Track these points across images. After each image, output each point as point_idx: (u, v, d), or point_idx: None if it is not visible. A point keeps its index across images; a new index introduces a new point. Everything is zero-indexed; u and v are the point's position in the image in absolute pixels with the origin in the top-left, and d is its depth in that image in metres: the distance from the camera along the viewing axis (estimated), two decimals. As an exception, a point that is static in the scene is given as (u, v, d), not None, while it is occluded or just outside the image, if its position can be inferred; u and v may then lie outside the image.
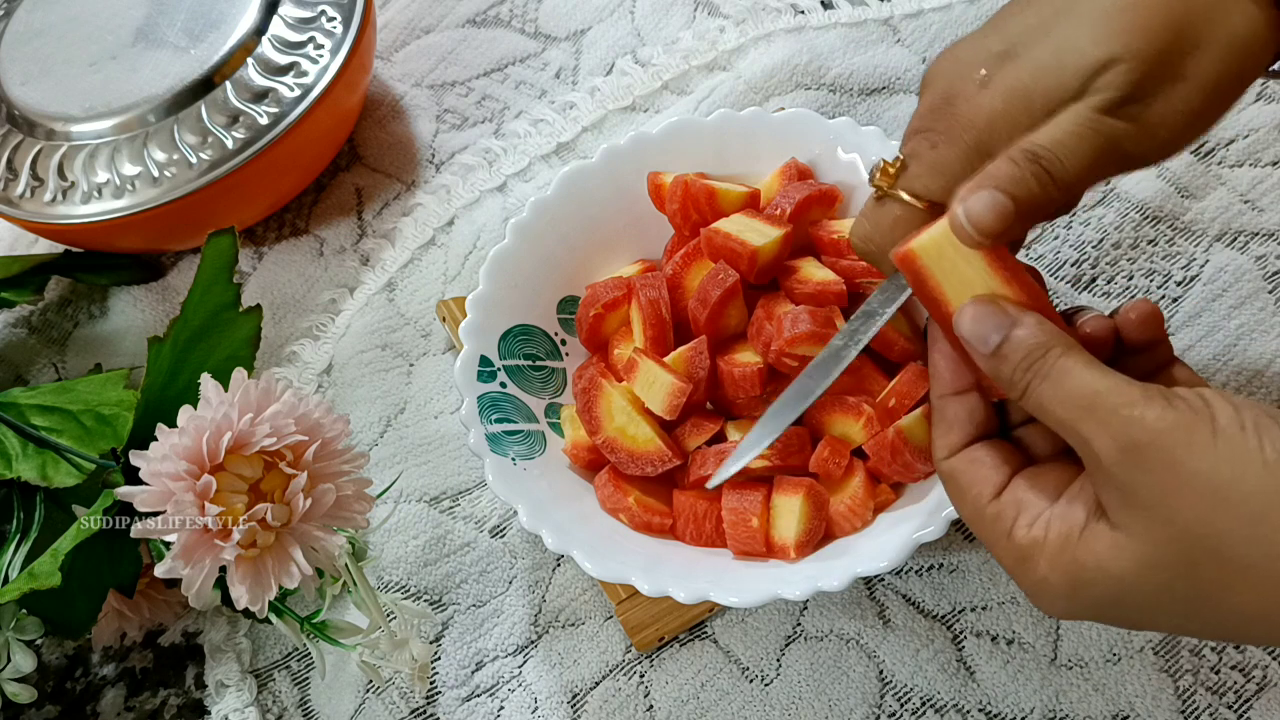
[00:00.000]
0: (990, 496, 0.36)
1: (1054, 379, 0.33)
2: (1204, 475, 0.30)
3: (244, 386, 0.40)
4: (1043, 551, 0.34)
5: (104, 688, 0.53)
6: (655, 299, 0.49)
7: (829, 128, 0.53)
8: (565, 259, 0.54)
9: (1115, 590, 0.33)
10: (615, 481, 0.48)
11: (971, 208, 0.35)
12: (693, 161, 0.54)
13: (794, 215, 0.50)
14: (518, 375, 0.51)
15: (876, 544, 0.45)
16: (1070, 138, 0.35)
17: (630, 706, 0.49)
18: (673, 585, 0.43)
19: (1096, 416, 0.32)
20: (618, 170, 0.54)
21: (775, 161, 0.54)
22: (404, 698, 0.50)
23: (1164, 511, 0.31)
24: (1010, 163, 0.35)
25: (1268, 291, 0.55)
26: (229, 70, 0.61)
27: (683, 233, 0.53)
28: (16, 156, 0.62)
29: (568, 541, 0.45)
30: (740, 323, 0.50)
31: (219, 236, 0.46)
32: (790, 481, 0.47)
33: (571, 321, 0.54)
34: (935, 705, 0.47)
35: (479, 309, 0.51)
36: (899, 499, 0.47)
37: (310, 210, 0.68)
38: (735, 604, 0.43)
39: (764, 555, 0.46)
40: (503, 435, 0.49)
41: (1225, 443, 0.31)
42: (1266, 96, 0.60)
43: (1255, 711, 0.46)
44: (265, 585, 0.40)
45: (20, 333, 0.67)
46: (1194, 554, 0.31)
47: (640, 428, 0.48)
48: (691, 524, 0.47)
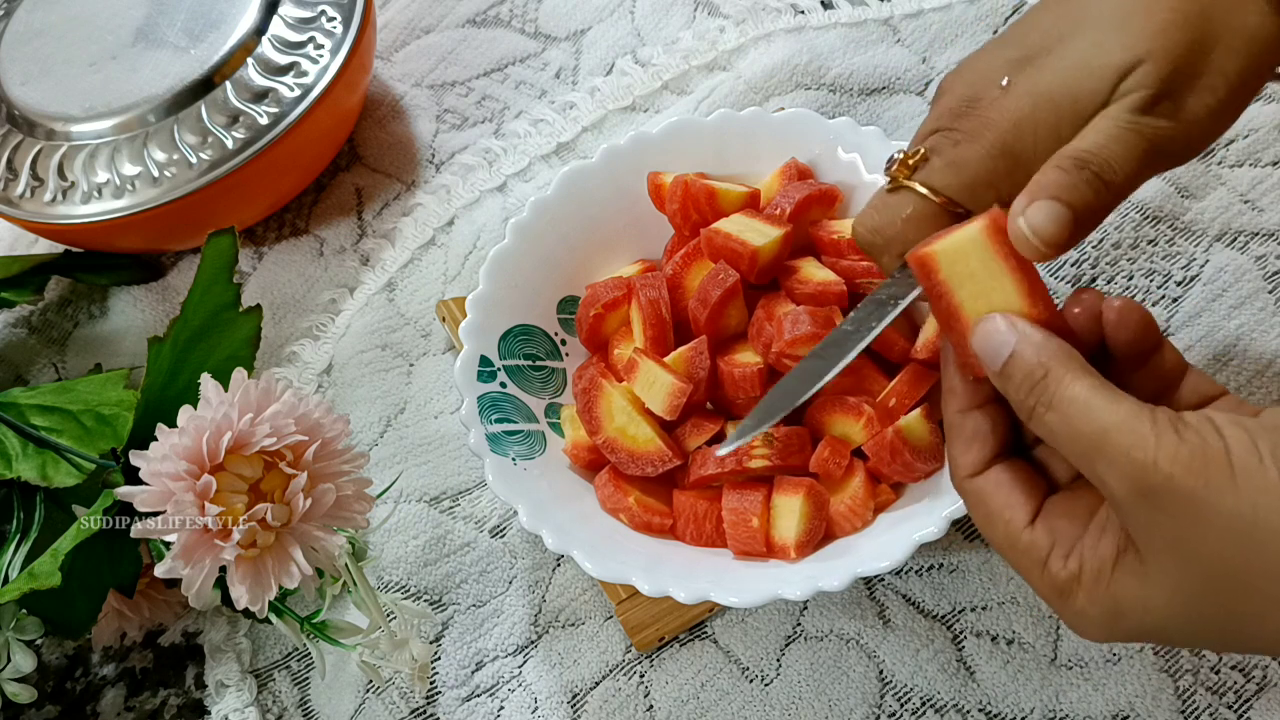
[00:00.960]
0: (1024, 524, 0.35)
1: (1060, 410, 0.33)
2: (1226, 515, 0.30)
3: (244, 386, 0.40)
4: (1080, 585, 0.34)
5: (104, 688, 0.53)
6: (655, 299, 0.49)
7: (829, 128, 0.53)
8: (565, 259, 0.54)
9: (1153, 622, 0.33)
10: (615, 481, 0.48)
11: (1033, 218, 0.34)
12: (693, 161, 0.54)
13: (794, 215, 0.50)
14: (518, 375, 0.51)
15: (877, 544, 0.45)
16: (1114, 141, 0.35)
17: (630, 706, 0.49)
18: (673, 585, 0.43)
19: (1107, 457, 0.31)
20: (618, 170, 0.54)
21: (775, 161, 0.54)
22: (404, 698, 0.50)
23: (1188, 551, 0.31)
24: (1060, 171, 0.35)
25: (1268, 291, 0.55)
26: (229, 70, 0.61)
27: (683, 233, 0.53)
28: (16, 156, 0.62)
29: (568, 542, 0.45)
30: (740, 323, 0.50)
31: (219, 236, 0.46)
32: (790, 481, 0.47)
33: (572, 321, 0.54)
34: (935, 705, 0.47)
35: (479, 309, 0.51)
36: (899, 499, 0.47)
37: (310, 210, 0.68)
38: (735, 604, 0.43)
39: (764, 555, 0.46)
40: (503, 435, 0.49)
41: (1245, 479, 0.30)
42: (1266, 96, 0.60)
43: (1255, 711, 0.46)
44: (265, 585, 0.40)
45: (20, 333, 0.67)
46: (1225, 590, 0.31)
47: (640, 428, 0.48)
48: (692, 524, 0.47)
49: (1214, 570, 0.31)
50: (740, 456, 0.46)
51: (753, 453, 0.46)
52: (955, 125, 0.37)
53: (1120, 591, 0.33)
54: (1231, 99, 0.36)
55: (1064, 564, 0.34)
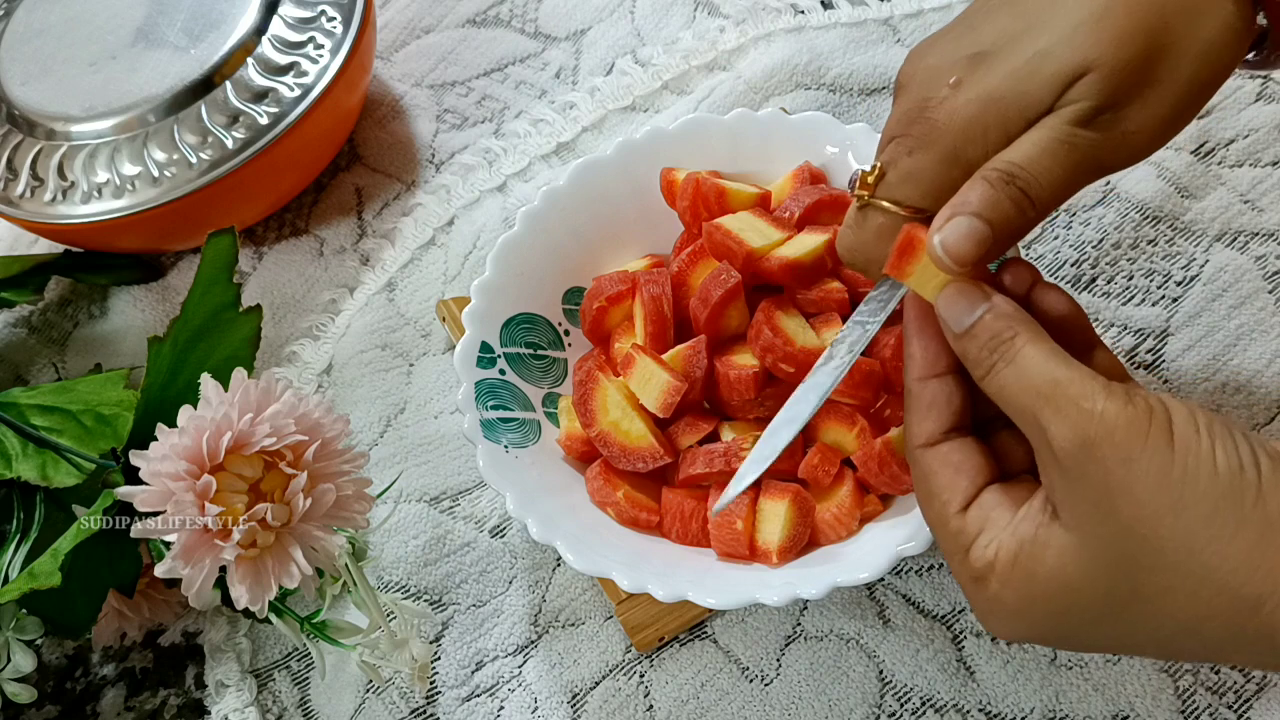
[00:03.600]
0: (957, 508, 0.35)
1: (1018, 364, 0.33)
2: (1154, 474, 0.30)
3: (244, 386, 0.40)
4: (994, 571, 0.34)
5: (104, 688, 0.53)
6: (658, 295, 0.49)
7: (845, 132, 0.53)
8: (574, 250, 0.54)
9: (1064, 600, 0.33)
10: (606, 475, 0.48)
11: (947, 238, 0.34)
12: (707, 159, 0.54)
13: (803, 219, 0.50)
14: (518, 363, 0.51)
15: (859, 554, 0.44)
16: (1045, 155, 0.35)
17: (630, 706, 0.49)
18: (653, 583, 0.43)
19: (1055, 405, 0.32)
20: (631, 164, 0.54)
21: (789, 163, 0.54)
22: (404, 698, 0.50)
23: (1110, 506, 0.31)
24: (985, 184, 0.34)
25: (1268, 291, 0.55)
26: (229, 70, 0.61)
27: (692, 230, 0.53)
28: (16, 156, 0.62)
29: (552, 532, 0.44)
30: (741, 324, 0.50)
31: (219, 236, 0.46)
32: (778, 486, 0.47)
33: (576, 312, 0.54)
34: (935, 705, 0.47)
35: (484, 295, 0.51)
36: (886, 511, 0.47)
37: (310, 210, 0.68)
38: (713, 605, 0.43)
39: (747, 558, 0.46)
40: (497, 422, 0.48)
41: (1181, 444, 0.31)
42: (1266, 96, 0.60)
43: (1255, 711, 0.46)
44: (265, 585, 0.40)
45: (20, 333, 0.67)
46: (1136, 554, 0.31)
47: (634, 423, 0.48)
48: (678, 522, 0.47)
49: (1131, 532, 0.31)
50: (730, 457, 0.46)
51: (742, 454, 0.46)
52: (909, 131, 0.37)
53: (1035, 566, 0.33)
54: (1181, 109, 0.36)
55: (983, 551, 0.34)
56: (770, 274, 0.49)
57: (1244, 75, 0.61)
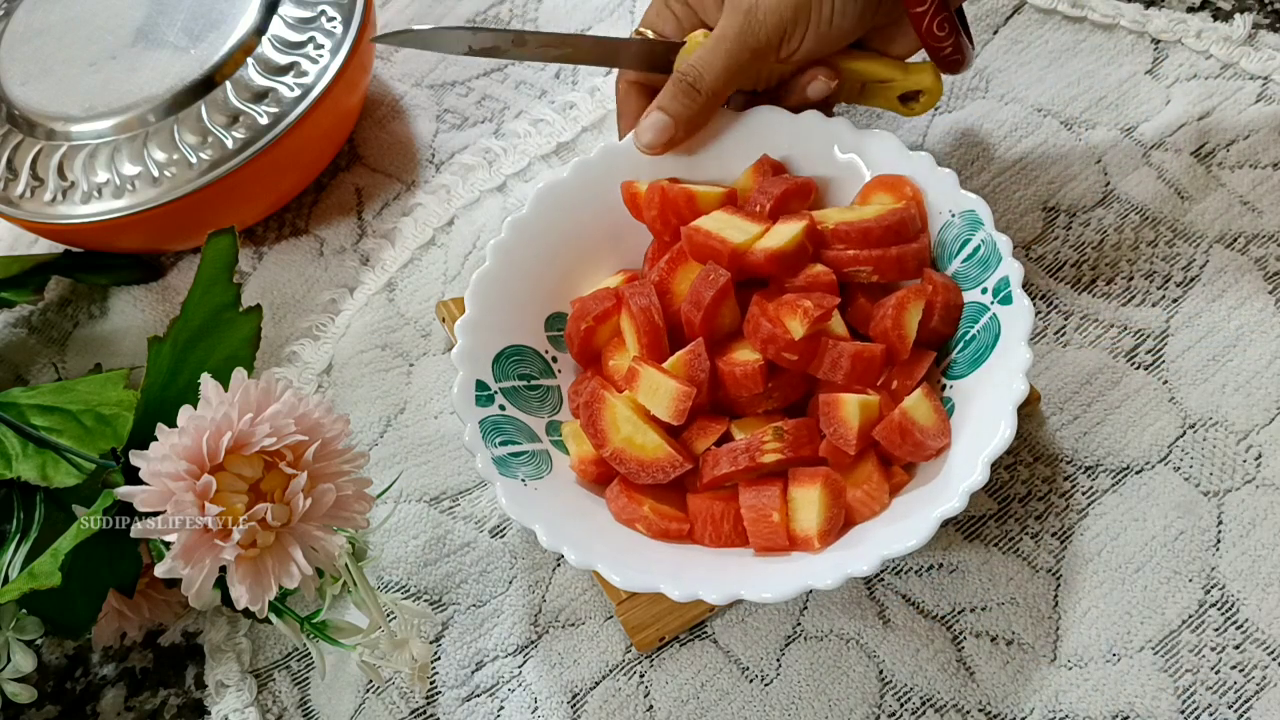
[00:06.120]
0: None
1: None
2: None
3: (244, 386, 0.40)
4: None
5: (104, 688, 0.53)
6: (646, 306, 0.49)
7: (795, 122, 0.53)
8: (548, 276, 0.54)
9: None
10: (627, 493, 0.48)
11: (640, 127, 0.52)
12: (664, 167, 0.54)
13: (775, 209, 0.50)
14: (514, 396, 0.51)
15: (899, 526, 0.44)
16: (707, 51, 0.50)
17: (630, 706, 0.49)
18: (703, 589, 0.43)
19: None
20: (590, 182, 0.54)
21: (745, 160, 0.54)
22: (404, 698, 0.50)
23: None
24: (669, 84, 0.51)
25: (1268, 292, 0.55)
26: (229, 70, 0.61)
27: (663, 238, 0.53)
28: (16, 156, 0.62)
29: (591, 557, 0.44)
30: (734, 321, 0.50)
31: (219, 236, 0.46)
32: (806, 472, 0.46)
33: (561, 338, 0.53)
34: (935, 705, 0.47)
35: (468, 334, 0.51)
36: (912, 480, 0.47)
37: (310, 210, 0.68)
38: (769, 599, 0.42)
39: (786, 549, 0.46)
40: (509, 458, 0.48)
41: None
42: (1266, 98, 0.61)
43: (1255, 711, 0.46)
44: (265, 585, 0.40)
45: (20, 333, 0.67)
46: None
47: (648, 436, 0.47)
48: (710, 526, 0.47)
49: None
50: (752, 453, 0.46)
51: (764, 448, 0.46)
52: None
53: None
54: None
55: None
56: (756, 267, 0.49)
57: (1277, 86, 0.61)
